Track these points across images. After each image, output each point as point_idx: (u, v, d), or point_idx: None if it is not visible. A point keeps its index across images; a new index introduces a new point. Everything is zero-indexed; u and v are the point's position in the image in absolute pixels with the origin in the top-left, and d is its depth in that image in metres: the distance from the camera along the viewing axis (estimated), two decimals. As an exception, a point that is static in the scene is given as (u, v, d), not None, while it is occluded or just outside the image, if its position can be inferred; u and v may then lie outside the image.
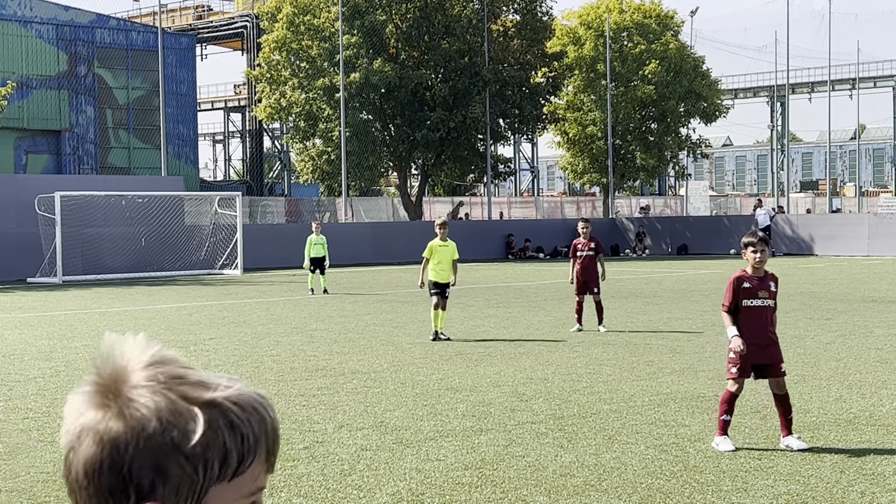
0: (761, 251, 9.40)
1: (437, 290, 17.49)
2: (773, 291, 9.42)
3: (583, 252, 18.65)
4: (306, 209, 62.80)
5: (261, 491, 1.44)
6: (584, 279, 18.55)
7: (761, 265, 9.42)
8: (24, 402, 11.93)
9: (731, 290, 9.40)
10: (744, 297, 9.35)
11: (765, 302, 9.35)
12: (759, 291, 9.33)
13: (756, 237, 9.52)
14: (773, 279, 9.51)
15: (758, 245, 9.40)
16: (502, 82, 55.50)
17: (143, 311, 23.96)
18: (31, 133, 62.06)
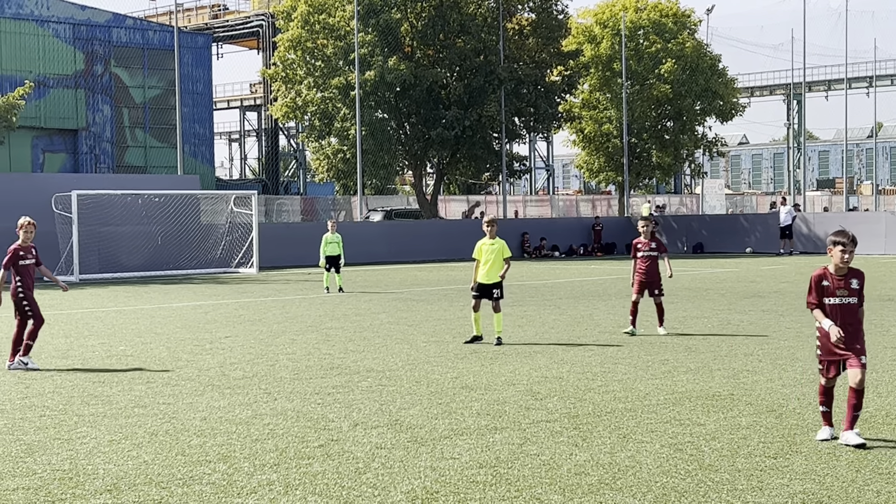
0: (850, 252, 9.34)
1: (478, 292, 16.76)
2: (856, 289, 9.34)
3: (644, 252, 17.97)
4: (322, 208, 62.91)
5: None
6: (647, 280, 17.86)
7: (846, 265, 9.35)
8: (40, 399, 11.98)
9: (813, 287, 9.36)
10: (824, 295, 9.32)
11: (845, 300, 9.31)
12: (837, 290, 9.30)
13: (847, 237, 9.39)
14: (857, 275, 9.40)
15: (848, 245, 9.33)
16: (517, 80, 55.47)
17: (159, 309, 24.03)
18: (48, 132, 62.30)
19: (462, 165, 60.76)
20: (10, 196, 37.89)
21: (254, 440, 9.62)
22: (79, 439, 9.76)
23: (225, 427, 10.22)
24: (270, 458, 8.90)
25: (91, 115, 63.51)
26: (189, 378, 13.41)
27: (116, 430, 10.18)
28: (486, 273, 16.77)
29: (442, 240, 48.46)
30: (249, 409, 11.19)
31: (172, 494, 7.83)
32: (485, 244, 16.87)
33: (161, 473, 8.46)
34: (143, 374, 13.89)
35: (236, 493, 7.84)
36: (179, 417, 10.76)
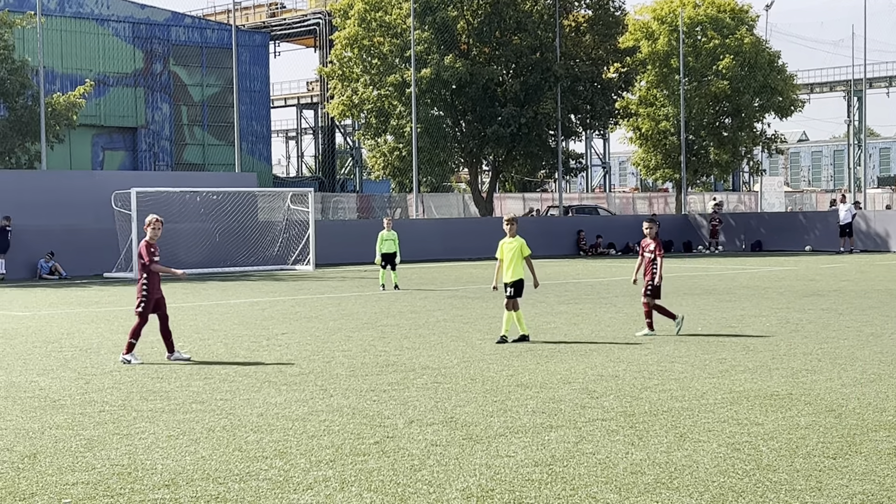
0: None
1: (507, 290, 16.79)
2: None
3: (645, 253, 18.09)
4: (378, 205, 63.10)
5: None
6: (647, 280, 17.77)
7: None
8: (100, 395, 12.12)
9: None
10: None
11: None
12: None
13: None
14: None
15: None
16: (574, 78, 55.27)
17: (217, 306, 24.23)
18: (107, 130, 63.03)
19: (518, 163, 60.64)
20: (71, 193, 38.43)
21: (310, 436, 9.66)
22: (137, 434, 9.86)
23: (281, 423, 10.28)
24: (326, 455, 8.94)
25: (150, 114, 64.15)
26: (246, 374, 13.50)
27: (174, 425, 10.27)
28: (508, 271, 16.80)
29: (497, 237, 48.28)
30: (305, 405, 11.25)
31: (229, 490, 7.89)
32: (505, 243, 16.90)
33: (218, 469, 8.52)
34: (201, 370, 14.01)
35: (292, 489, 7.88)
36: (236, 413, 10.84)
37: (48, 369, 14.26)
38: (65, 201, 38.01)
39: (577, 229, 51.81)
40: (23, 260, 36.41)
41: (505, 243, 16.92)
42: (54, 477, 8.31)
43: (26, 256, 36.52)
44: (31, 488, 7.99)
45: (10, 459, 8.91)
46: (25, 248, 36.49)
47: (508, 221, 16.95)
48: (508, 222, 16.93)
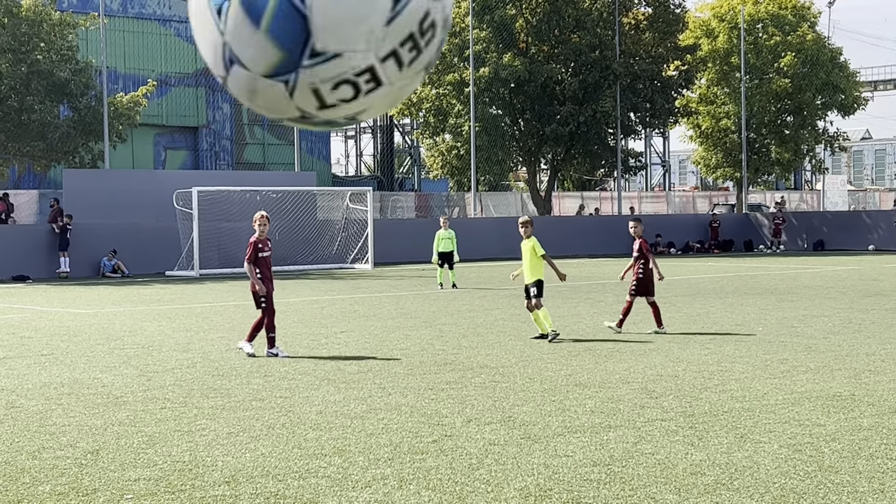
0: None
1: (525, 292, 16.97)
2: None
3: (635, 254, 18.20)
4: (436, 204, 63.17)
5: None
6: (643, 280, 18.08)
7: None
8: (161, 392, 12.24)
9: None
10: None
11: None
12: None
13: None
14: None
15: None
16: (633, 76, 54.96)
17: (277, 304, 24.35)
18: (169, 130, 63.69)
19: (576, 162, 60.42)
20: (134, 193, 38.88)
21: (368, 434, 9.70)
22: (198, 431, 9.95)
23: (340, 421, 10.33)
24: (385, 453, 8.97)
25: (211, 113, 64.74)
26: (305, 372, 13.58)
27: (234, 422, 10.36)
28: (524, 272, 16.96)
29: (555, 236, 48.27)
30: (364, 403, 11.29)
31: (289, 487, 7.94)
32: (523, 244, 16.99)
33: (278, 466, 8.58)
34: (261, 367, 14.11)
35: (351, 487, 7.91)
36: (296, 411, 10.90)
37: (111, 366, 14.43)
38: (127, 200, 38.46)
39: (637, 228, 51.49)
40: (86, 258, 36.90)
41: (522, 245, 17.04)
42: (116, 473, 8.42)
43: (89, 255, 37.00)
44: (94, 484, 8.09)
45: (73, 455, 9.03)
46: (88, 246, 36.97)
47: (522, 224, 17.07)
48: (522, 224, 17.06)
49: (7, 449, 9.30)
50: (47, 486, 8.06)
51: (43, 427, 10.23)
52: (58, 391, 12.36)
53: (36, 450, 9.25)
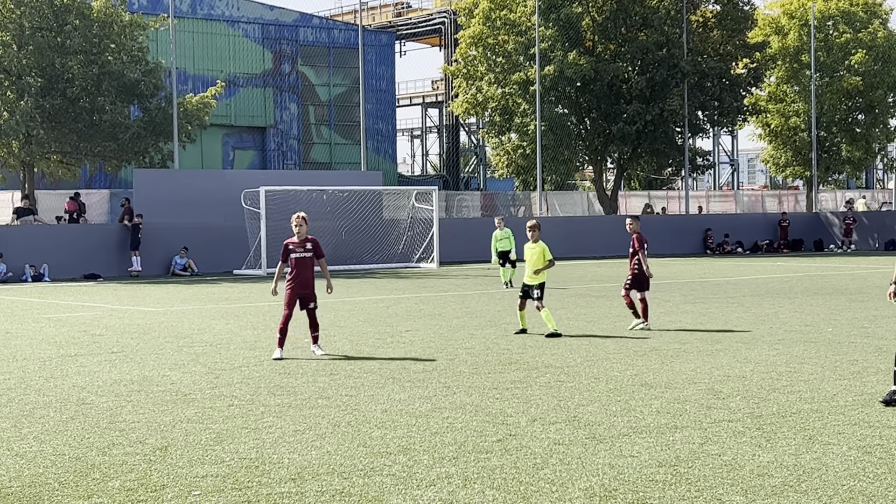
0: None
1: (522, 293, 17.47)
2: None
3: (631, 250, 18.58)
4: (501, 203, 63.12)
5: None
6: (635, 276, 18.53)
7: None
8: (229, 389, 12.37)
9: None
10: None
11: None
12: None
13: None
14: None
15: None
16: (701, 74, 54.49)
17: (343, 303, 24.51)
18: (238, 130, 64.29)
19: (643, 160, 60.03)
20: (202, 192, 39.31)
21: (433, 433, 9.72)
22: (265, 429, 10.04)
23: (405, 420, 10.36)
24: (449, 452, 8.98)
25: (279, 113, 65.23)
26: (370, 371, 13.64)
27: (301, 420, 10.43)
28: (529, 275, 17.30)
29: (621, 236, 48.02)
30: (429, 402, 11.32)
31: (354, 485, 7.98)
32: (528, 247, 17.35)
33: (343, 464, 8.63)
34: (327, 365, 14.19)
35: (416, 485, 7.93)
36: (361, 409, 10.96)
37: (179, 364, 14.60)
38: (196, 200, 38.89)
39: (705, 228, 51.11)
40: (156, 257, 37.37)
41: (527, 247, 17.39)
42: (184, 469, 8.52)
43: (159, 253, 37.46)
44: (162, 480, 8.20)
45: (142, 451, 9.15)
46: (159, 245, 37.44)
47: (531, 227, 17.39)
48: (530, 228, 17.38)
49: (78, 445, 9.45)
50: (117, 481, 8.17)
51: (113, 423, 10.38)
52: (128, 388, 12.53)
53: (106, 446, 9.39)
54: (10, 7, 40.15)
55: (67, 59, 40.25)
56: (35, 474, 8.43)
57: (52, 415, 10.81)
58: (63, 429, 10.14)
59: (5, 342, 17.54)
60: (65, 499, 7.72)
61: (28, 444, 9.47)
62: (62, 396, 11.98)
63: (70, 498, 7.74)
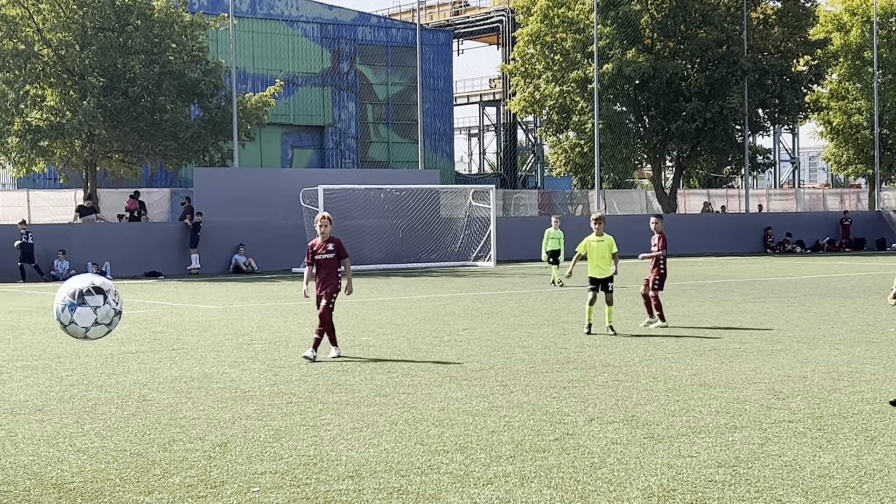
0: None
1: (594, 285, 17.48)
2: None
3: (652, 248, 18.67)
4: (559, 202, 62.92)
5: None
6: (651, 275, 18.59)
7: None
8: (287, 387, 12.44)
9: None
10: None
11: None
12: None
13: None
14: None
15: None
16: (762, 71, 53.96)
17: (400, 301, 24.58)
18: (296, 129, 64.65)
19: (703, 159, 59.59)
20: (261, 190, 39.60)
21: (490, 432, 9.72)
22: (323, 426, 10.09)
23: (462, 418, 10.37)
24: (506, 450, 8.98)
25: (337, 112, 65.51)
26: (428, 369, 13.67)
27: (358, 418, 10.47)
28: (598, 268, 17.48)
29: (681, 234, 47.77)
30: (486, 400, 11.31)
31: (411, 483, 8.00)
32: (592, 240, 17.55)
33: (400, 462, 8.65)
34: (384, 364, 14.24)
35: (473, 484, 7.94)
36: (418, 407, 10.98)
37: (239, 361, 14.72)
38: (255, 198, 39.18)
39: (765, 226, 50.65)
40: (215, 255, 37.71)
41: (592, 241, 17.56)
42: (244, 466, 8.58)
43: (219, 251, 37.81)
44: (222, 476, 8.27)
45: (202, 448, 9.24)
46: (218, 243, 37.78)
47: (596, 220, 17.69)
48: (596, 221, 17.68)
49: (139, 441, 9.56)
50: (177, 477, 8.26)
51: (173, 420, 10.49)
52: (188, 385, 12.65)
53: (167, 442, 9.49)
54: (72, 8, 40.67)
55: (129, 59, 40.71)
56: (97, 470, 8.53)
57: (114, 411, 10.94)
58: (124, 425, 10.26)
59: (68, 339, 17.77)
60: (126, 494, 7.82)
61: (90, 440, 9.59)
62: (123, 393, 12.13)
63: (131, 493, 7.83)
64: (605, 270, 17.46)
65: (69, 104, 40.90)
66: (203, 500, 7.62)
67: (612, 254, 17.52)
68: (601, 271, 17.47)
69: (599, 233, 17.56)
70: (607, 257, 17.50)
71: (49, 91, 41.40)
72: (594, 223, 17.66)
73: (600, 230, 17.57)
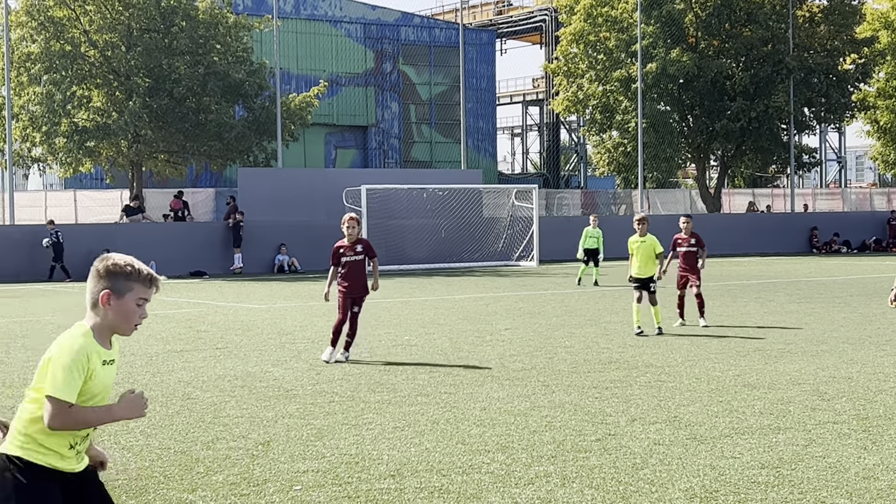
0: None
1: (638, 284, 17.51)
2: None
3: (684, 247, 18.73)
4: (602, 201, 62.72)
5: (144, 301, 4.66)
6: (685, 274, 18.62)
7: None
8: (330, 386, 12.49)
9: None
10: None
11: None
12: None
13: None
14: None
15: None
16: (807, 70, 53.53)
17: (442, 300, 24.60)
18: (339, 129, 64.86)
19: (748, 158, 59.19)
20: (305, 190, 39.75)
21: (531, 432, 9.71)
22: (365, 425, 10.12)
23: (504, 418, 10.36)
24: (548, 450, 8.96)
25: (380, 112, 65.66)
26: (470, 368, 13.67)
27: (400, 417, 10.50)
28: (640, 268, 17.56)
29: (725, 234, 47.50)
30: (528, 400, 11.30)
31: (452, 482, 8.01)
32: (635, 241, 17.68)
33: (442, 461, 8.66)
34: (426, 363, 14.25)
35: (514, 484, 7.94)
36: (460, 407, 10.99)
37: (282, 360, 14.79)
38: (298, 198, 39.34)
39: (811, 226, 50.23)
40: (259, 254, 37.90)
41: (635, 241, 17.69)
42: (286, 464, 8.63)
43: (262, 251, 38.00)
44: (265, 475, 8.32)
45: (245, 446, 9.30)
46: (261, 242, 37.97)
47: (639, 221, 17.85)
48: (639, 221, 17.84)
49: (183, 439, 9.64)
50: (220, 475, 8.32)
51: (217, 418, 10.56)
52: (231, 384, 12.73)
53: (210, 440, 9.56)
54: (118, 9, 41.04)
55: (174, 60, 41.01)
56: (141, 467, 8.61)
57: (158, 409, 11.04)
58: (168, 423, 10.35)
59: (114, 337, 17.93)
60: (170, 492, 7.88)
61: (135, 438, 9.68)
62: (168, 391, 12.22)
63: (175, 491, 7.90)
64: (647, 271, 17.54)
65: (115, 105, 41.27)
66: (246, 498, 7.67)
67: (656, 254, 17.62)
68: (643, 271, 17.56)
69: (643, 233, 17.69)
70: (650, 258, 17.59)
71: (95, 92, 41.80)
72: (637, 224, 17.80)
73: (643, 230, 17.70)
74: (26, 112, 41.31)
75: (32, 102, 41.00)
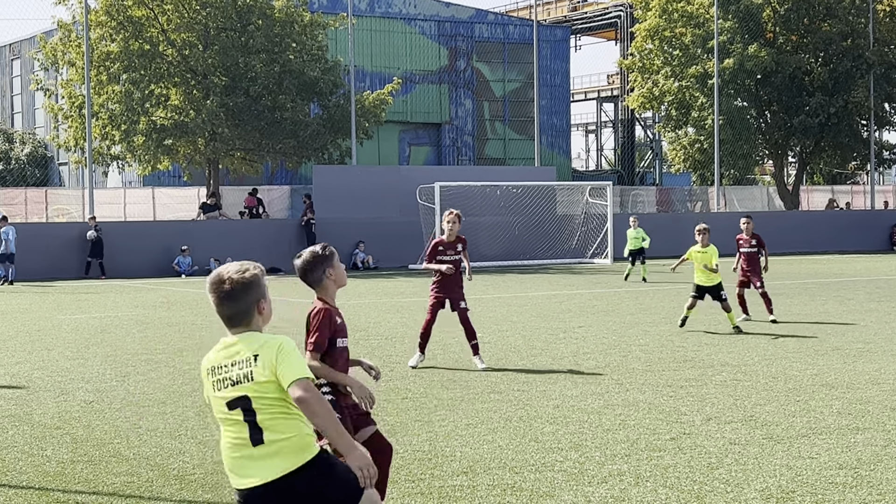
0: None
1: (697, 293, 17.61)
2: None
3: (745, 248, 19.17)
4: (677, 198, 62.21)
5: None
6: (748, 273, 18.92)
7: None
8: (403, 382, 12.53)
9: None
10: None
11: None
12: None
13: None
14: None
15: None
16: (888, 65, 52.64)
17: (516, 297, 24.55)
18: (413, 126, 65.00)
19: (826, 154, 58.37)
20: (379, 188, 39.94)
21: (605, 430, 9.66)
22: (438, 422, 10.14)
23: (577, 416, 10.32)
24: (621, 449, 8.91)
25: (454, 109, 65.71)
26: (542, 366, 13.63)
27: (473, 414, 10.50)
28: (702, 277, 17.64)
29: (803, 232, 46.88)
30: (601, 398, 11.25)
31: (525, 480, 7.99)
32: (696, 250, 17.75)
33: (514, 458, 8.65)
34: (499, 361, 14.24)
35: (587, 482, 7.90)
36: (533, 404, 10.96)
37: (355, 356, 14.80)
38: (373, 195, 39.53)
39: (892, 224, 49.37)
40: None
41: (696, 251, 17.75)
42: (359, 459, 8.65)
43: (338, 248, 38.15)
44: (338, 469, 8.34)
45: (319, 441, 9.34)
46: (337, 239, 38.15)
47: (700, 231, 17.86)
48: (700, 232, 17.86)
49: (258, 433, 9.70)
50: (294, 470, 8.36)
51: (291, 413, 10.61)
52: (305, 379, 12.77)
53: (284, 435, 9.61)
54: (195, 8, 41.52)
55: (250, 59, 41.40)
56: (217, 462, 8.69)
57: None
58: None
59: (191, 334, 18.18)
60: (244, 486, 7.94)
61: (210, 433, 9.78)
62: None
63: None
64: (710, 279, 17.59)
65: (192, 103, 41.76)
66: (319, 494, 7.71)
67: (712, 266, 17.58)
68: (706, 280, 17.63)
69: (704, 243, 17.70)
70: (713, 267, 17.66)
71: (173, 90, 42.33)
72: (698, 234, 17.82)
73: (704, 240, 17.72)
74: (105, 110, 41.94)
75: (111, 101, 41.62)
